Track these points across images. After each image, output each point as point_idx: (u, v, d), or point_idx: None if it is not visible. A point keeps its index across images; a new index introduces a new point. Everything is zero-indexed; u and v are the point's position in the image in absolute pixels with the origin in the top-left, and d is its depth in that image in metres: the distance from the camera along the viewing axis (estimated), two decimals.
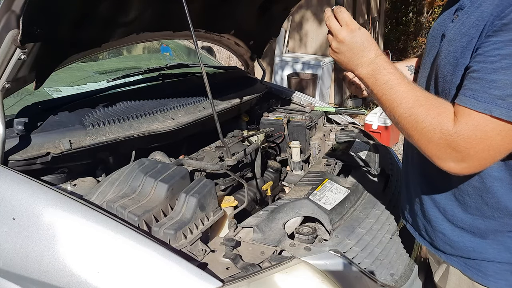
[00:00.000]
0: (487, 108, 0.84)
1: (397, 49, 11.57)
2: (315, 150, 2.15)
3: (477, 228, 1.06)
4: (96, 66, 2.87)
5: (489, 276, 1.06)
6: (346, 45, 1.04)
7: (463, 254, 1.10)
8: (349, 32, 1.04)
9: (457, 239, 1.10)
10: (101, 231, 1.05)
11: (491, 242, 1.05)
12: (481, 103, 0.85)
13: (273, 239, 1.27)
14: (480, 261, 1.07)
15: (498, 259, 1.05)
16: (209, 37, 2.35)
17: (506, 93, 0.82)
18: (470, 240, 1.07)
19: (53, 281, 1.03)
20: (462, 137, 0.88)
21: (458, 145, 0.88)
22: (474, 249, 1.07)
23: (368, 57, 1.03)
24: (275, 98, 2.56)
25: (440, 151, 0.91)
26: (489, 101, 0.84)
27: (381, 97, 1.00)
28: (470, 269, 1.09)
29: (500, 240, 1.04)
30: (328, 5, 6.90)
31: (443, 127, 0.90)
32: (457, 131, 0.89)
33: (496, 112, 0.83)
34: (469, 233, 1.07)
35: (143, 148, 1.65)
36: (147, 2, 1.66)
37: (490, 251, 1.05)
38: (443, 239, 1.13)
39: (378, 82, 1.00)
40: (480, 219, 1.04)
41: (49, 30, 1.31)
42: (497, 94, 0.83)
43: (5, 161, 1.26)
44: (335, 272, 1.16)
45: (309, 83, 5.99)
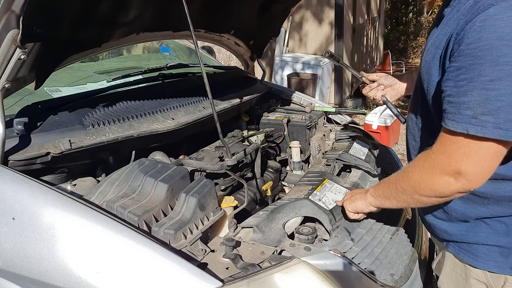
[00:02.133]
0: (464, 127, 0.94)
1: (397, 49, 11.57)
2: (315, 150, 2.15)
3: (468, 216, 1.15)
4: (96, 66, 2.87)
5: (479, 258, 1.15)
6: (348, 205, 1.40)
7: (457, 239, 1.20)
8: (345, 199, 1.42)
9: (453, 225, 1.20)
10: (101, 231, 1.05)
11: (481, 225, 1.14)
12: (458, 124, 0.95)
13: (273, 239, 1.27)
14: (471, 244, 1.17)
15: (488, 242, 1.14)
16: (209, 37, 2.35)
17: (477, 112, 0.92)
18: (464, 225, 1.17)
19: (53, 281, 1.03)
20: (439, 153, 1.01)
21: (439, 162, 1.01)
22: (467, 234, 1.17)
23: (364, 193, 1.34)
24: (275, 98, 2.56)
25: (433, 178, 1.03)
26: (464, 121, 0.94)
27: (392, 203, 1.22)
28: (463, 252, 1.19)
29: (490, 224, 1.13)
30: (328, 5, 6.93)
31: (421, 161, 1.07)
32: (435, 150, 1.03)
33: (472, 130, 0.93)
34: (462, 220, 1.17)
35: (143, 148, 1.65)
36: (147, 2, 1.66)
37: (480, 235, 1.14)
38: (440, 227, 1.24)
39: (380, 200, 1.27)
40: (470, 207, 1.14)
41: (49, 30, 1.31)
42: (470, 114, 0.93)
43: (5, 161, 1.26)
44: (335, 272, 1.16)
45: (309, 83, 6.00)
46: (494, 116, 0.91)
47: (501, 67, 0.88)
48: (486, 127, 0.91)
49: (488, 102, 0.91)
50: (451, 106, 0.98)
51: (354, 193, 1.42)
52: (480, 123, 0.92)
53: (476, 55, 0.91)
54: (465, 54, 0.93)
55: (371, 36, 8.48)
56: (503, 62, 0.88)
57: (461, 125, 0.95)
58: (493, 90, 0.90)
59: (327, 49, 1.68)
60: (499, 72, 0.89)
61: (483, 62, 0.90)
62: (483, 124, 0.92)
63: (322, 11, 6.74)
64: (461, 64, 0.94)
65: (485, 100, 0.91)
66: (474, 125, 0.93)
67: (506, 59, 0.88)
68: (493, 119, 0.91)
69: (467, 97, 0.93)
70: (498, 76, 0.89)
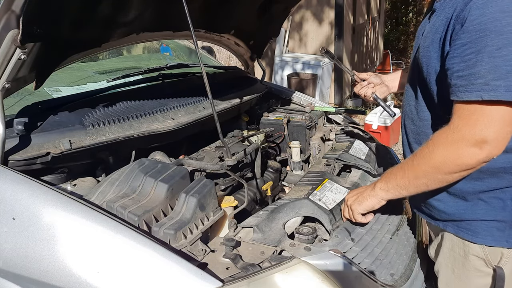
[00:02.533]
0: (478, 95, 1.00)
1: (397, 49, 11.57)
2: (315, 150, 2.15)
3: (466, 192, 1.20)
4: (96, 66, 2.87)
5: (478, 234, 1.21)
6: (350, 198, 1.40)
7: (456, 218, 1.24)
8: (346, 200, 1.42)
9: (451, 204, 1.24)
10: (101, 231, 1.05)
11: (479, 203, 1.19)
12: (472, 93, 1.01)
13: (273, 239, 1.27)
14: (470, 221, 1.22)
15: (486, 218, 1.19)
16: (209, 37, 2.35)
17: (488, 79, 0.99)
18: (462, 204, 1.22)
19: (53, 281, 1.03)
20: (461, 126, 1.04)
21: (464, 134, 1.03)
22: (465, 212, 1.22)
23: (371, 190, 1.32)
24: (275, 98, 2.56)
25: (459, 150, 1.05)
26: (477, 89, 1.00)
27: (410, 191, 1.21)
28: (462, 230, 1.24)
29: (487, 201, 1.18)
30: (328, 5, 6.92)
31: (443, 137, 1.08)
32: (455, 125, 1.05)
33: (486, 96, 0.99)
34: (460, 198, 1.22)
35: (143, 148, 1.65)
36: (147, 2, 1.66)
37: (478, 212, 1.20)
38: (439, 207, 1.27)
39: (393, 192, 1.26)
40: (468, 182, 1.18)
41: (49, 30, 1.31)
42: (482, 82, 0.99)
43: (5, 161, 1.26)
44: (335, 272, 1.15)
45: (309, 83, 6.00)
46: (504, 80, 0.97)
47: (506, 35, 0.96)
48: (499, 91, 0.97)
49: (497, 68, 0.97)
50: (462, 79, 1.03)
51: (358, 193, 1.38)
52: (492, 88, 0.98)
53: (480, 29, 0.99)
54: (469, 30, 1.01)
55: (371, 36, 8.48)
56: (507, 31, 0.96)
57: (475, 93, 1.00)
58: (500, 57, 0.97)
59: (323, 46, 1.79)
60: (505, 40, 0.96)
61: (488, 34, 0.98)
62: (496, 88, 0.97)
63: (322, 11, 6.74)
64: (466, 40, 1.01)
65: (495, 67, 0.97)
66: (487, 91, 0.98)
67: (510, 28, 0.96)
68: (504, 82, 0.97)
69: (476, 67, 1.00)
70: (504, 43, 0.96)
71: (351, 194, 1.42)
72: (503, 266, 1.20)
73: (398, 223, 1.56)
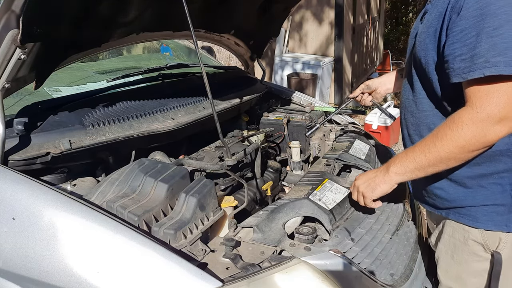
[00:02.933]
0: (480, 72, 1.07)
1: (397, 49, 11.57)
2: (315, 150, 2.15)
3: (466, 177, 1.26)
4: (96, 66, 2.87)
5: (478, 219, 1.26)
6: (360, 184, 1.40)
7: (457, 205, 1.30)
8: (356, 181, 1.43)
9: (453, 191, 1.29)
10: (101, 231, 1.04)
11: (478, 189, 1.25)
12: (475, 72, 1.08)
13: (273, 239, 1.27)
14: (470, 207, 1.27)
15: (486, 203, 1.25)
16: (209, 37, 2.35)
17: (488, 56, 1.06)
18: (463, 191, 1.28)
19: (53, 281, 1.03)
20: (485, 106, 1.08)
21: (489, 113, 1.08)
22: (465, 198, 1.27)
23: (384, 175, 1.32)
24: (275, 98, 2.56)
25: (484, 129, 1.09)
26: (479, 67, 1.07)
27: (427, 170, 1.23)
28: (463, 216, 1.29)
29: (486, 186, 1.24)
30: (328, 5, 6.92)
31: (467, 117, 1.11)
32: (478, 105, 1.09)
33: (487, 72, 1.06)
34: (461, 185, 1.27)
35: (143, 148, 1.65)
36: (147, 2, 1.66)
37: (478, 197, 1.25)
38: (441, 195, 1.33)
39: (410, 175, 1.27)
40: (467, 168, 1.24)
41: (49, 30, 1.31)
42: (482, 60, 1.07)
43: (5, 161, 1.26)
44: (335, 272, 1.15)
45: (309, 83, 6.00)
46: (503, 56, 1.04)
47: (500, 16, 1.05)
48: (499, 66, 1.04)
49: (495, 46, 1.05)
50: (465, 62, 1.10)
51: (370, 178, 1.37)
52: (493, 64, 1.05)
53: (477, 14, 1.08)
54: (467, 16, 1.09)
55: (371, 36, 8.48)
56: (501, 12, 1.05)
57: (477, 71, 1.07)
58: (497, 36, 1.05)
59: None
60: (500, 20, 1.05)
61: (484, 17, 1.07)
62: (496, 64, 1.05)
63: (322, 11, 6.74)
64: (465, 26, 1.10)
65: (493, 45, 1.05)
66: (488, 67, 1.05)
67: (503, 10, 1.05)
68: (503, 58, 1.04)
69: (477, 49, 1.08)
70: (499, 23, 1.05)
71: (362, 180, 1.40)
72: (500, 251, 1.25)
73: (398, 223, 1.56)
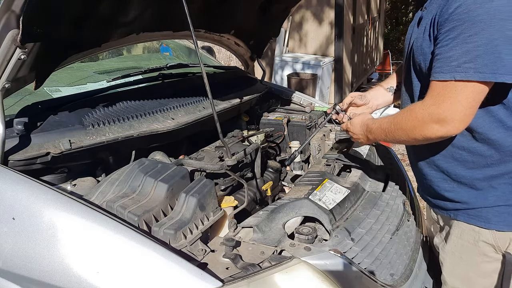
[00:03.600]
0: (451, 75, 1.13)
1: (397, 49, 11.57)
2: (315, 150, 2.15)
3: (476, 179, 1.28)
4: (96, 66, 2.86)
5: (490, 220, 1.28)
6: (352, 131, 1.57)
7: (467, 206, 1.32)
8: (350, 125, 1.59)
9: (463, 193, 1.31)
10: (101, 231, 1.04)
11: (489, 190, 1.27)
12: (446, 74, 1.14)
13: (273, 239, 1.27)
14: (481, 208, 1.29)
15: (497, 203, 1.27)
16: (209, 37, 2.35)
17: (461, 61, 1.12)
18: (473, 193, 1.29)
19: (53, 281, 1.03)
20: (429, 104, 1.18)
21: (430, 112, 1.17)
22: (476, 200, 1.29)
23: (363, 129, 1.50)
24: (275, 98, 2.56)
25: (423, 125, 1.20)
26: (451, 70, 1.13)
27: (382, 135, 1.39)
28: (474, 218, 1.31)
29: (497, 187, 1.26)
30: (328, 5, 6.92)
31: (415, 110, 1.23)
32: (425, 103, 1.20)
33: (458, 76, 1.12)
34: (471, 186, 1.30)
35: (143, 148, 1.65)
36: (147, 2, 1.66)
37: (490, 198, 1.27)
38: (451, 197, 1.35)
39: (376, 132, 1.42)
40: (477, 170, 1.28)
41: (49, 30, 1.31)
42: (455, 64, 1.13)
43: (5, 161, 1.26)
44: (335, 272, 1.16)
45: (309, 83, 6.00)
46: (474, 63, 1.10)
47: (477, 24, 1.09)
48: (469, 72, 1.11)
49: (468, 52, 1.11)
50: (439, 62, 1.17)
51: (357, 131, 1.53)
52: (463, 70, 1.11)
53: (457, 18, 1.12)
54: (449, 20, 1.14)
55: (371, 36, 8.47)
56: (478, 20, 1.09)
57: (449, 74, 1.14)
58: (471, 43, 1.10)
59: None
60: (476, 28, 1.09)
61: (462, 23, 1.11)
62: (466, 70, 1.11)
63: (322, 11, 6.74)
64: (446, 29, 1.15)
65: (466, 51, 1.11)
66: (459, 72, 1.12)
67: (480, 18, 1.08)
68: (474, 65, 1.10)
69: (452, 52, 1.13)
70: (475, 31, 1.09)
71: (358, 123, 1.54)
72: (511, 252, 1.27)
73: (398, 223, 1.56)
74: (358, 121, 1.54)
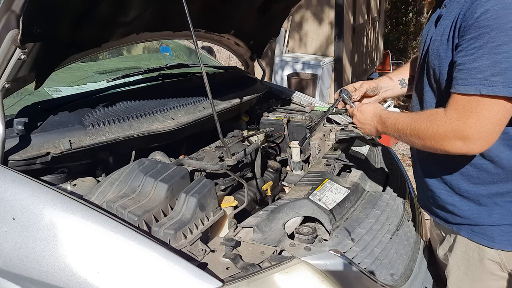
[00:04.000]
0: (477, 89, 1.03)
1: (397, 49, 11.57)
2: (315, 150, 2.15)
3: (480, 195, 1.22)
4: (96, 66, 2.86)
5: (494, 239, 1.22)
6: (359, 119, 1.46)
7: (471, 222, 1.26)
8: (358, 112, 1.48)
9: (465, 208, 1.25)
10: (101, 231, 1.04)
11: (494, 208, 1.21)
12: (471, 87, 1.04)
13: (273, 239, 1.27)
14: (486, 226, 1.23)
15: (502, 222, 1.21)
16: (209, 37, 2.35)
17: (487, 74, 1.01)
18: (477, 209, 1.23)
19: (53, 281, 1.03)
20: (454, 119, 1.07)
21: (454, 127, 1.07)
22: (480, 216, 1.23)
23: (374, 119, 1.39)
24: (275, 98, 2.56)
25: (445, 139, 1.09)
26: (476, 84, 1.03)
27: (395, 133, 1.28)
28: (477, 235, 1.25)
29: (502, 205, 1.20)
30: (328, 5, 6.92)
31: (437, 121, 1.11)
32: (449, 117, 1.08)
33: (484, 90, 1.02)
34: (474, 202, 1.24)
35: (143, 148, 1.65)
36: (147, 2, 1.66)
37: (494, 216, 1.21)
38: (453, 210, 1.29)
39: (389, 126, 1.31)
40: (482, 186, 1.21)
41: (49, 30, 1.31)
42: (481, 77, 1.02)
43: (5, 161, 1.26)
44: (335, 272, 1.16)
45: (309, 83, 5.99)
46: (503, 76, 0.99)
47: (507, 32, 0.99)
48: (497, 86, 1.00)
49: (497, 64, 1.00)
50: (462, 73, 1.06)
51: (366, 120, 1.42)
52: (491, 84, 1.01)
53: (484, 25, 1.01)
54: (474, 26, 1.04)
55: (371, 36, 8.47)
56: (509, 28, 0.99)
57: (474, 87, 1.03)
58: (500, 53, 0.99)
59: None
60: (505, 37, 0.99)
61: (490, 30, 1.00)
62: (494, 84, 1.00)
63: (322, 11, 6.74)
64: (471, 36, 1.05)
65: (494, 63, 1.00)
66: (486, 86, 1.01)
67: (511, 25, 0.98)
68: (503, 79, 0.99)
69: (477, 62, 1.03)
70: (504, 40, 0.99)
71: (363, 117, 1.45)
72: None
73: (398, 223, 1.56)
74: (370, 110, 1.42)
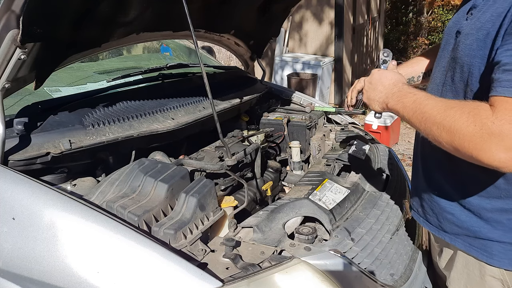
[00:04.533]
0: None
1: (397, 49, 11.56)
2: (315, 150, 2.15)
3: (483, 208, 1.13)
4: (96, 66, 2.86)
5: (494, 256, 1.14)
6: (372, 81, 1.26)
7: (469, 234, 1.18)
8: (369, 76, 1.30)
9: (465, 218, 1.17)
10: (101, 231, 1.04)
11: (496, 222, 1.13)
12: None
13: (273, 239, 1.27)
14: (485, 240, 1.15)
15: (503, 239, 1.13)
16: (209, 37, 2.35)
17: None
18: (477, 221, 1.15)
19: (53, 281, 1.03)
20: (505, 121, 0.88)
21: (503, 131, 0.87)
22: (480, 230, 1.15)
23: (390, 89, 1.19)
24: (275, 98, 2.56)
25: (486, 143, 0.89)
26: None
27: (412, 115, 1.06)
28: (475, 249, 1.17)
29: (505, 222, 1.12)
30: (328, 5, 6.92)
31: (482, 117, 0.90)
32: (499, 117, 0.89)
33: None
34: (476, 214, 1.15)
35: (143, 148, 1.65)
36: (147, 2, 1.66)
37: (496, 232, 1.13)
38: (451, 219, 1.21)
39: (407, 104, 1.09)
40: (486, 199, 1.12)
41: (49, 30, 1.31)
42: None
43: (5, 161, 1.26)
44: (335, 272, 1.16)
45: (309, 83, 5.99)
46: None
47: None
48: None
49: None
50: (508, 74, 0.92)
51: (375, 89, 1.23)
52: None
53: None
54: None
55: (371, 36, 8.47)
56: None
57: None
58: None
59: None
60: None
61: None
62: None
63: (322, 11, 6.74)
64: None
65: None
66: None
67: None
68: None
69: None
70: None
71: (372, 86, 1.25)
72: None
73: (398, 223, 1.56)
74: (391, 77, 1.22)
